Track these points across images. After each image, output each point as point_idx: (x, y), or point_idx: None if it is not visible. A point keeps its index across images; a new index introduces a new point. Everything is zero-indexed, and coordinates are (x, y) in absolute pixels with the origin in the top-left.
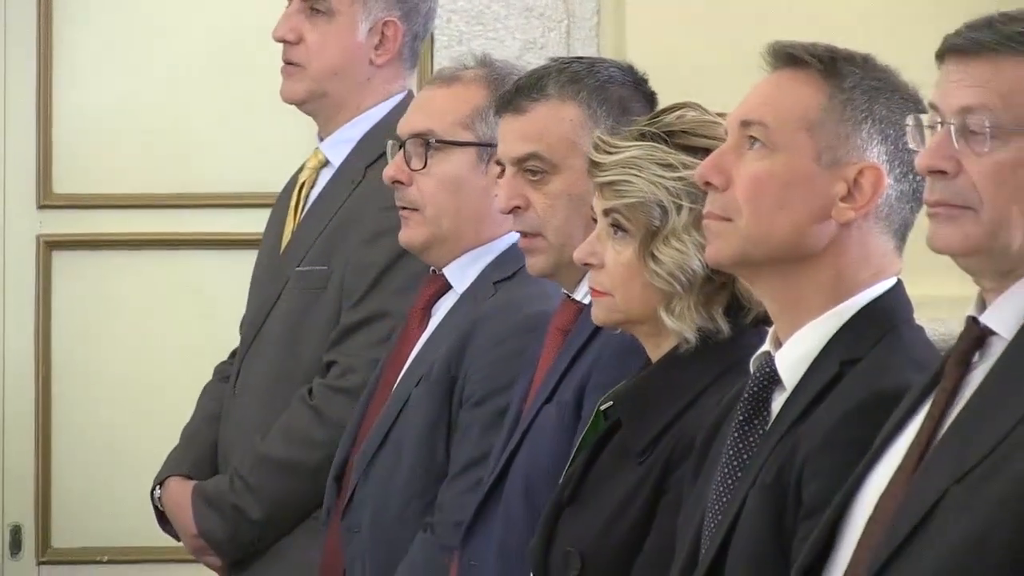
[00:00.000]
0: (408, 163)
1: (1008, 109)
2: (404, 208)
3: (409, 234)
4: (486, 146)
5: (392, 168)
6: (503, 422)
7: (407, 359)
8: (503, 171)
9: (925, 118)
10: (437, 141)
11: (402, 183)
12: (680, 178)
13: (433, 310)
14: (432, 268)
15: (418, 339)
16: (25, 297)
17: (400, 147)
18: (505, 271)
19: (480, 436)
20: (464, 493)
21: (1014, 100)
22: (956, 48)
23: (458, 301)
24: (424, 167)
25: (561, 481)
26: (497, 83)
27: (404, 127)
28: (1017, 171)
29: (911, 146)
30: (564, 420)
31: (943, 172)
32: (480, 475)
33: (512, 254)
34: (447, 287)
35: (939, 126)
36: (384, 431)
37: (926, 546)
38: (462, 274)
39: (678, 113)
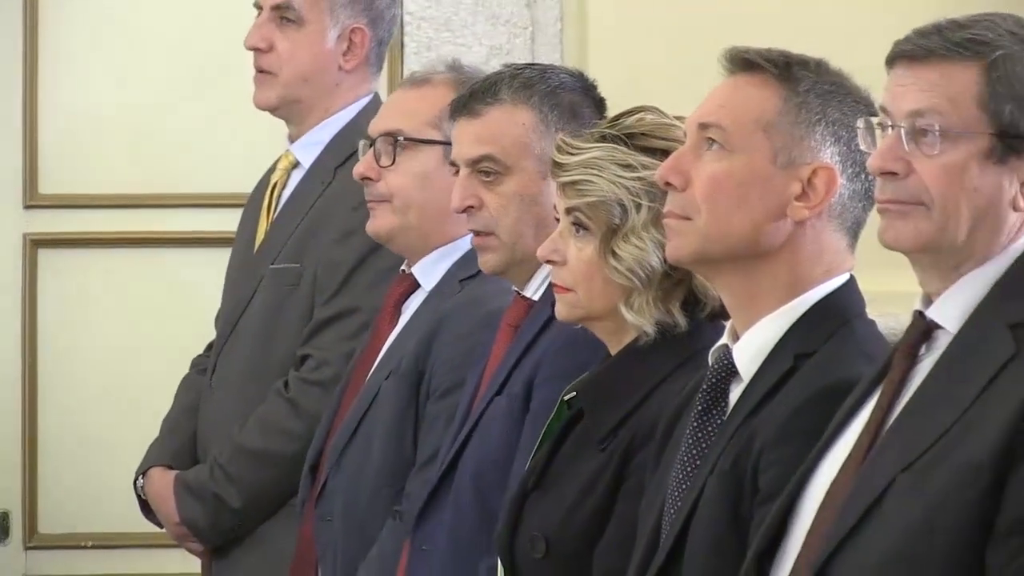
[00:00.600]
0: (378, 160)
1: (956, 112)
2: (373, 201)
3: (376, 224)
4: (452, 144)
5: (362, 165)
6: None
7: (378, 354)
8: (458, 172)
9: (876, 121)
10: (406, 139)
11: (371, 179)
12: (639, 178)
13: (403, 308)
14: (402, 268)
15: (388, 335)
16: (12, 293)
17: (371, 145)
18: (470, 269)
19: (445, 427)
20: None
21: (962, 104)
22: (905, 54)
23: (426, 299)
24: (393, 163)
25: (526, 469)
26: (464, 86)
27: (375, 126)
28: (965, 171)
29: (862, 148)
30: (513, 411)
31: (894, 173)
32: None
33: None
34: (416, 286)
35: (889, 129)
36: (355, 423)
37: (875, 531)
38: (429, 273)
39: (637, 116)
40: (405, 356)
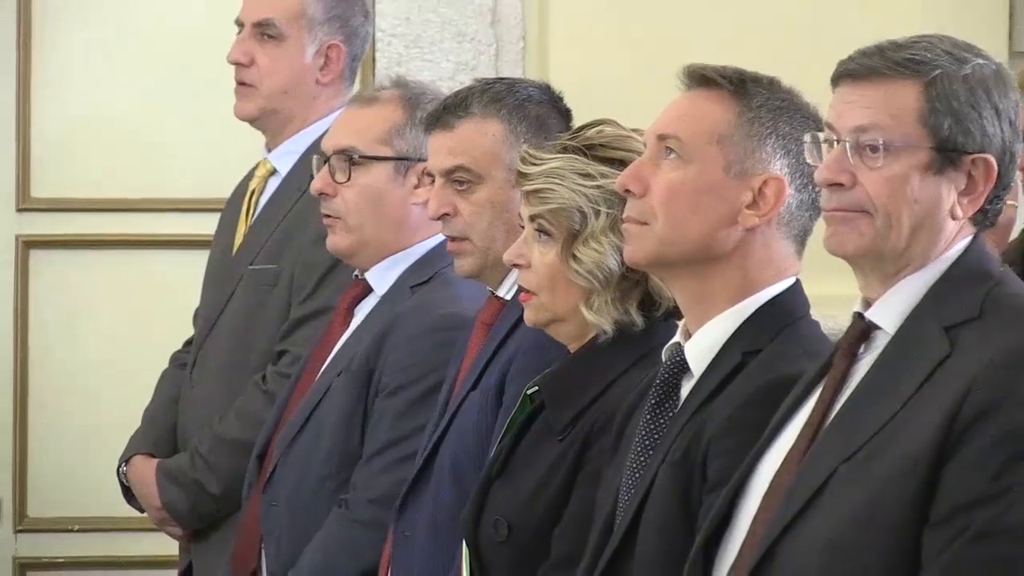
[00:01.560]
0: (333, 176)
1: (898, 128)
2: (329, 217)
3: (335, 241)
4: (403, 159)
5: (319, 181)
6: (415, 410)
7: (329, 353)
8: (433, 181)
9: (822, 136)
10: (360, 156)
11: (328, 195)
12: (598, 186)
13: (356, 311)
14: (355, 273)
15: (340, 336)
16: (5, 292)
17: (325, 162)
18: (421, 276)
19: (392, 423)
20: (377, 474)
21: (903, 120)
22: (849, 73)
23: (378, 303)
24: (348, 180)
25: (490, 457)
26: (411, 101)
27: (328, 144)
28: (907, 183)
29: (808, 161)
30: (487, 405)
31: (840, 184)
32: (391, 458)
33: (427, 260)
34: (368, 290)
35: (835, 143)
36: (305, 416)
37: (818, 519)
38: (382, 278)
39: (597, 128)
40: (356, 355)
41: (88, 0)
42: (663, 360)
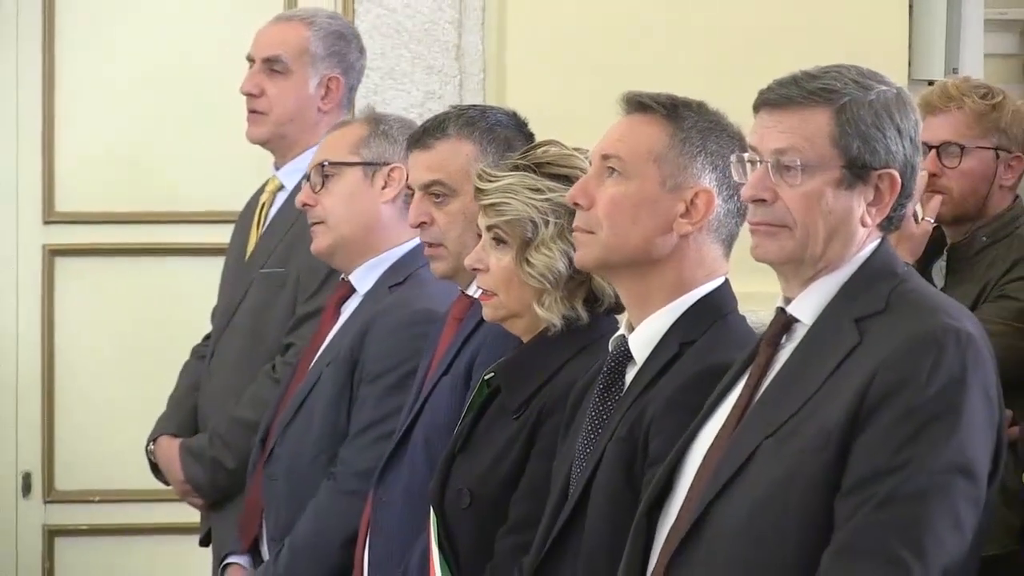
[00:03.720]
0: (313, 189)
1: (813, 149)
2: (313, 224)
3: (317, 243)
4: (369, 164)
5: (302, 195)
6: (392, 394)
7: (320, 347)
8: (413, 194)
9: (746, 156)
10: (330, 163)
11: (310, 204)
12: (547, 199)
13: (342, 309)
14: (341, 276)
15: (329, 332)
16: (33, 294)
17: (306, 179)
18: (398, 277)
19: (374, 405)
20: (361, 450)
21: (817, 142)
22: (769, 101)
23: (361, 302)
24: (323, 187)
25: (453, 436)
26: (374, 119)
27: (309, 163)
28: (822, 197)
29: (735, 178)
30: (456, 388)
31: (763, 200)
32: (373, 436)
33: (403, 263)
34: (352, 290)
35: (758, 163)
36: (299, 401)
37: (744, 487)
38: (363, 280)
39: (544, 148)
40: (342, 348)
41: (106, 35)
42: (610, 350)
